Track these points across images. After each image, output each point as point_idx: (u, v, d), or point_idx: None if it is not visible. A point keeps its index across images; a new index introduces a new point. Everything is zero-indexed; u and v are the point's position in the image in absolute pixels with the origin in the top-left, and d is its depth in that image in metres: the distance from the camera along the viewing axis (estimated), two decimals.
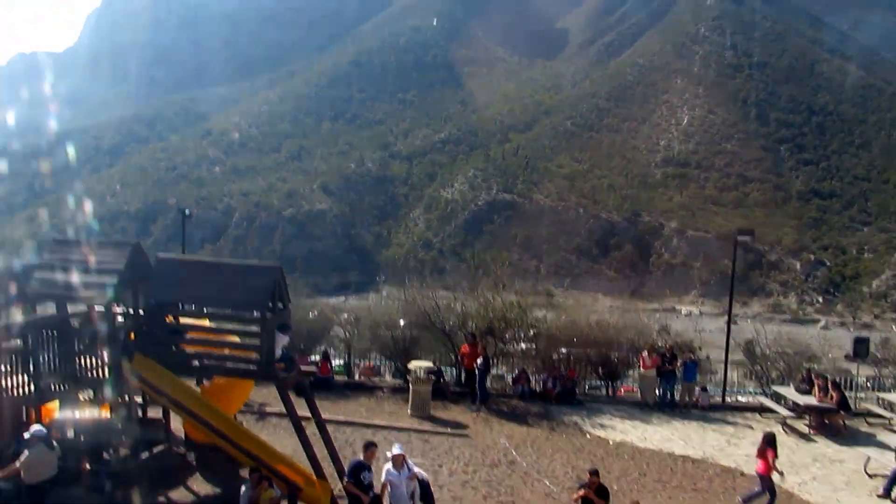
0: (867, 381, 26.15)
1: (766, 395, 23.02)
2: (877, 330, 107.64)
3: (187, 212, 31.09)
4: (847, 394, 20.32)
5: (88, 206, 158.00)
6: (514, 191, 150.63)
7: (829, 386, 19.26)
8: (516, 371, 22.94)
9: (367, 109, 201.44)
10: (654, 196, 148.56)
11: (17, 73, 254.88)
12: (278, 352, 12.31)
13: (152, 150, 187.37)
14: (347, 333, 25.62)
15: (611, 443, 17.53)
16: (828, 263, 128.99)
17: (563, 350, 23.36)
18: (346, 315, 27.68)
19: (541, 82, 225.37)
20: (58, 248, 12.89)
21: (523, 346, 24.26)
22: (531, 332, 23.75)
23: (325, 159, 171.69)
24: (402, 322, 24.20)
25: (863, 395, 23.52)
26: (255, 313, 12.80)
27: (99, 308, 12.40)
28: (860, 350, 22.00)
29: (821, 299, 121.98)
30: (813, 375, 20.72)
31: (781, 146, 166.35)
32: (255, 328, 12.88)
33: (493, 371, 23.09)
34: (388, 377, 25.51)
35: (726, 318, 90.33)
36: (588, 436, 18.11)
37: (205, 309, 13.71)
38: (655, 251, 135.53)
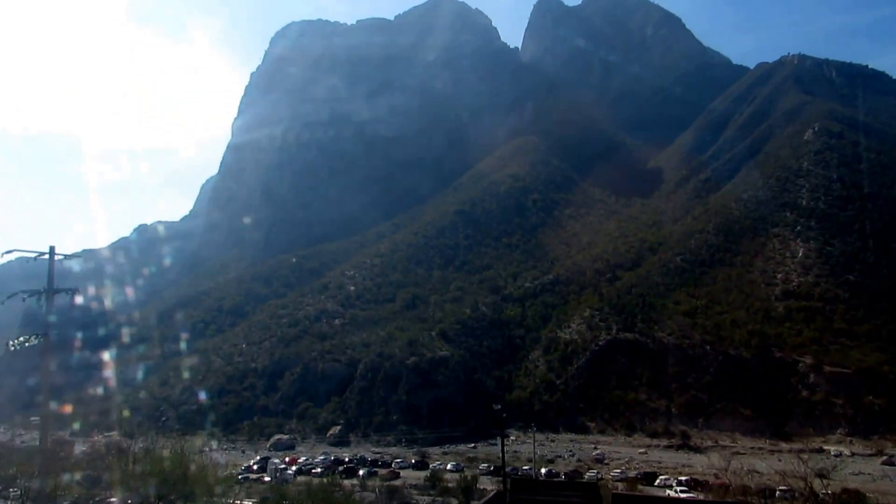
0: None
1: None
2: None
3: None
4: None
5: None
6: (635, 329, 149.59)
7: None
8: None
9: (474, 255, 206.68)
10: (780, 331, 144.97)
11: (140, 243, 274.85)
12: None
13: (272, 307, 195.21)
14: None
15: None
16: None
17: None
18: None
19: (641, 220, 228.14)
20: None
21: None
22: None
23: (439, 306, 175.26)
24: None
25: None
26: None
27: None
28: None
29: None
30: None
31: None
32: None
33: None
34: None
35: (881, 457, 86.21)
36: None
37: None
38: (792, 389, 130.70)
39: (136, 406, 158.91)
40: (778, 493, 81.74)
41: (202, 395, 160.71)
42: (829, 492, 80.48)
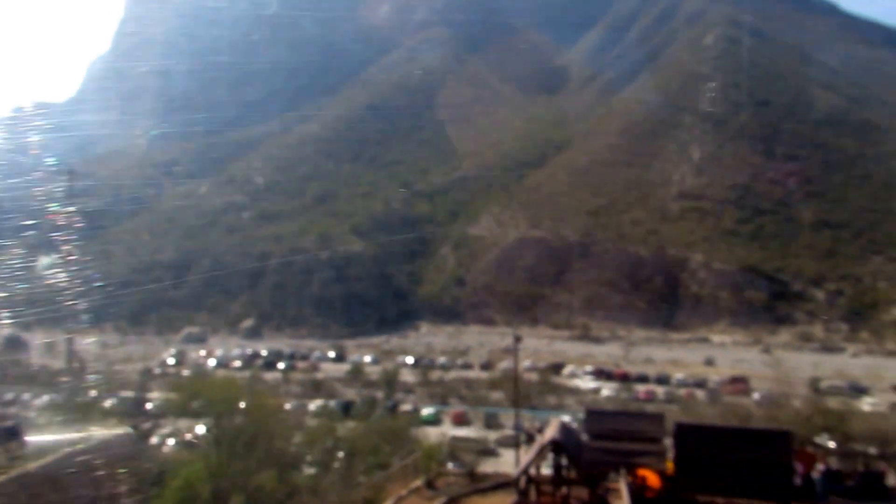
0: None
1: None
2: None
3: None
4: None
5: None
6: (542, 227, 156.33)
7: None
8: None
9: (385, 150, 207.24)
10: (675, 230, 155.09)
11: (17, 124, 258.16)
12: None
13: (175, 196, 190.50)
14: None
15: None
16: (848, 292, 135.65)
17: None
18: None
19: (547, 118, 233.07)
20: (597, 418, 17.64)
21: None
22: None
23: (350, 201, 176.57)
24: None
25: None
26: None
27: None
28: None
29: (845, 327, 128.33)
30: None
31: (789, 179, 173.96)
32: None
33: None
34: None
35: (757, 346, 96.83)
36: None
37: None
38: (683, 284, 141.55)
39: (34, 299, 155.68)
40: (674, 380, 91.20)
41: (105, 287, 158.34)
42: (719, 378, 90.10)
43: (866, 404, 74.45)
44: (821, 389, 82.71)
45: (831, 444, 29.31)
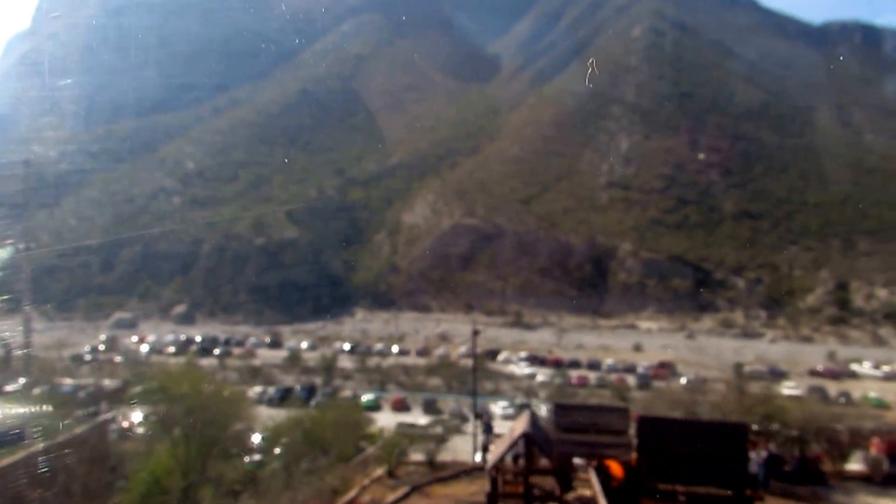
0: None
1: None
2: (816, 343, 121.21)
3: None
4: None
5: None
6: (476, 215, 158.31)
7: None
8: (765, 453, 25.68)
9: (318, 136, 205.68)
10: (605, 219, 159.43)
11: None
12: None
13: (102, 181, 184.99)
14: None
15: None
16: (766, 280, 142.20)
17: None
18: None
19: (479, 107, 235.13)
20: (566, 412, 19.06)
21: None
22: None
23: (284, 187, 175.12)
24: None
25: None
26: None
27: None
28: None
29: (764, 314, 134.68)
30: None
31: (712, 170, 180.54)
32: None
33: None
34: None
35: (682, 332, 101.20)
36: None
37: None
38: (612, 272, 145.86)
39: None
40: (605, 366, 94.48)
41: (30, 272, 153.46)
42: (648, 363, 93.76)
43: (786, 388, 78.78)
44: (744, 374, 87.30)
45: (756, 427, 31.47)
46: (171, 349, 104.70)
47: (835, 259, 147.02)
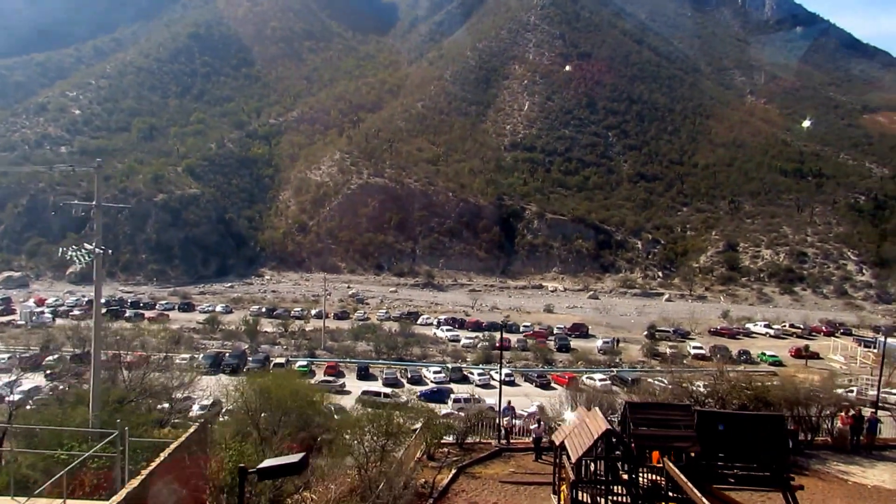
0: None
1: None
2: (709, 302, 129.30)
3: None
4: None
5: None
6: (384, 175, 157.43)
7: None
8: None
9: (213, 85, 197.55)
10: (511, 180, 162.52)
11: None
12: None
13: None
14: None
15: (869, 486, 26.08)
16: (661, 242, 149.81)
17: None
18: None
19: (379, 59, 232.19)
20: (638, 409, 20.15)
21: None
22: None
23: (181, 139, 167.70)
24: None
25: None
26: None
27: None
28: None
29: (661, 274, 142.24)
30: None
31: (609, 132, 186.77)
32: None
33: None
34: None
35: (587, 292, 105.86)
36: (849, 482, 26.13)
37: None
38: (519, 233, 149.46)
39: None
40: (522, 327, 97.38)
41: None
42: (562, 325, 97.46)
43: (692, 348, 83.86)
44: (654, 335, 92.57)
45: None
46: (76, 312, 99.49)
47: (723, 220, 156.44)
